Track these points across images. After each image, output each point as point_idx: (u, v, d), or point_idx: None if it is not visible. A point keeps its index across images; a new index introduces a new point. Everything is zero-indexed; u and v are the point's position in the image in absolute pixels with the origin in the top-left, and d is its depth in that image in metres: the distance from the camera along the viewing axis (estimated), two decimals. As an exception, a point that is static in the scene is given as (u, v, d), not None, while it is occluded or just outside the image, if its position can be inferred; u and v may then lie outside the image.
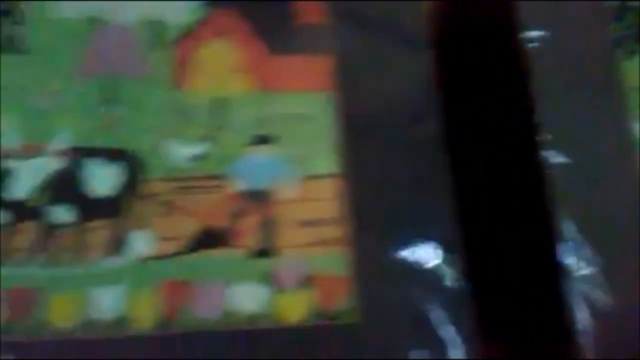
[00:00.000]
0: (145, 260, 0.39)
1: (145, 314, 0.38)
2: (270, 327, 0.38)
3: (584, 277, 0.40)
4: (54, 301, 0.38)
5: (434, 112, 0.43)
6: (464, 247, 0.40)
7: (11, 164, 0.39)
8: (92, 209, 0.40)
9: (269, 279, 0.39)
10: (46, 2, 0.43)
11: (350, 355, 0.38)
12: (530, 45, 0.44)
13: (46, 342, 0.37)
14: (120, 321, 0.38)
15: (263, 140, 0.42)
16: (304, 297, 0.39)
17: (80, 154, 0.40)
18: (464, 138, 0.43)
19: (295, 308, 0.39)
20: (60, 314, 0.37)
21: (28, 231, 0.39)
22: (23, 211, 0.39)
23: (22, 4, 0.43)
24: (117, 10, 0.43)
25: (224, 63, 0.44)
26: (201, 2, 0.44)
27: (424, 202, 0.41)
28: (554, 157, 0.42)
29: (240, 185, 0.41)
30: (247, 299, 0.39)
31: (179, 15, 0.44)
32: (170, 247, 0.39)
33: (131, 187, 0.40)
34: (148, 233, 0.39)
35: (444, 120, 0.43)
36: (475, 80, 0.45)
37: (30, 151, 0.40)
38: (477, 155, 0.44)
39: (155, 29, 0.43)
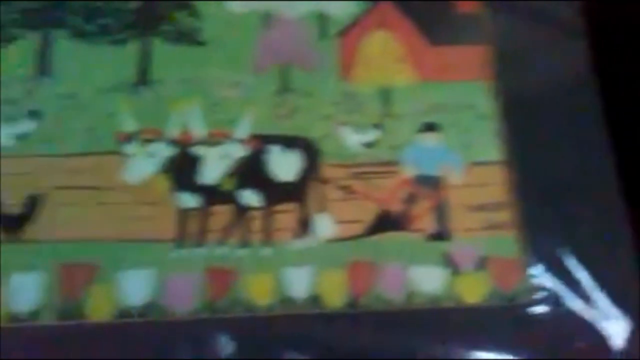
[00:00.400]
0: (330, 242, 0.40)
1: (336, 293, 0.39)
2: (452, 308, 0.39)
3: None
4: (248, 280, 0.39)
5: (592, 99, 0.44)
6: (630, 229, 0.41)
7: (200, 150, 0.41)
8: (277, 193, 0.41)
9: (446, 261, 0.40)
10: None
11: (525, 335, 0.39)
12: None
13: (241, 318, 0.39)
14: (313, 299, 0.39)
15: (430, 127, 0.43)
16: (480, 279, 0.40)
17: (262, 141, 0.42)
18: (623, 123, 0.44)
19: (473, 289, 0.40)
20: (257, 292, 0.39)
21: (221, 214, 0.41)
22: (214, 195, 0.41)
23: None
24: (286, 5, 0.45)
25: (386, 54, 0.45)
26: (363, -4, 0.46)
27: (590, 186, 0.42)
28: None
29: (412, 171, 0.42)
30: (428, 280, 0.40)
31: (343, 8, 0.45)
32: (350, 230, 0.41)
33: (310, 172, 0.42)
34: (328, 216, 0.41)
35: (603, 107, 0.44)
36: (630, 69, 0.46)
37: (216, 139, 0.42)
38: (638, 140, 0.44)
39: (322, 21, 0.45)
